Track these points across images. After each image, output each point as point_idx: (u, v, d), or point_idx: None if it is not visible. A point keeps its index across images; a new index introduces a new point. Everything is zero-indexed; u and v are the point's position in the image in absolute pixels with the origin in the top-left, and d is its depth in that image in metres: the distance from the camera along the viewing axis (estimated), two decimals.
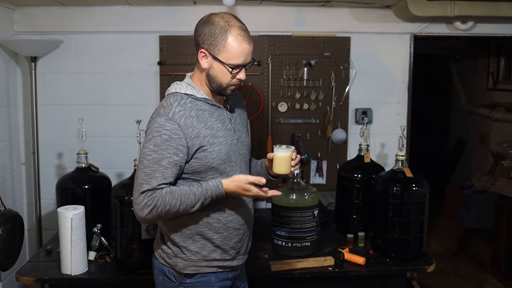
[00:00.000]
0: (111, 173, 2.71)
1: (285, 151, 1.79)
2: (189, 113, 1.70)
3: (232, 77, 1.72)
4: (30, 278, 2.16)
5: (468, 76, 5.56)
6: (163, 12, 2.99)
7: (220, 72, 1.71)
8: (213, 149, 1.72)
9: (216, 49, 1.68)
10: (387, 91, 3.19)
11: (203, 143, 1.70)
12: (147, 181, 1.64)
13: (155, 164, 1.64)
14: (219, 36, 1.66)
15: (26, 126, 3.04)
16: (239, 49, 1.67)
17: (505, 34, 3.18)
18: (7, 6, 2.85)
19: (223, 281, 1.83)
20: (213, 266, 1.79)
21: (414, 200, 2.30)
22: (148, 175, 1.65)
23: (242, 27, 1.69)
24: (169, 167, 1.65)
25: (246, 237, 1.88)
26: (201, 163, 1.71)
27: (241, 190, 1.68)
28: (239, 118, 1.89)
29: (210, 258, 1.78)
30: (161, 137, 1.65)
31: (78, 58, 3.03)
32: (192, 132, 1.68)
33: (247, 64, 1.73)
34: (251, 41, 1.71)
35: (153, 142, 1.66)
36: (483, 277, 3.95)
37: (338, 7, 3.06)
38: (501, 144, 4.51)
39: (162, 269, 1.82)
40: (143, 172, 1.66)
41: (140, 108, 3.04)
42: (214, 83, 1.73)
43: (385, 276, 2.32)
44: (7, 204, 2.55)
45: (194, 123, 1.70)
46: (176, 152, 1.66)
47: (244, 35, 1.68)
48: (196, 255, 1.77)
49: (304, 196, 2.31)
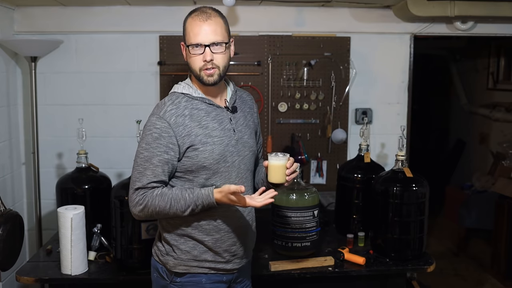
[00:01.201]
0: (111, 173, 2.71)
1: (279, 159, 1.72)
2: (182, 111, 1.72)
3: (200, 60, 1.70)
4: (30, 278, 2.15)
5: (468, 76, 5.56)
6: (163, 12, 2.99)
7: (189, 57, 1.74)
8: (205, 148, 1.71)
9: (184, 36, 1.75)
10: (387, 91, 3.19)
11: (195, 141, 1.70)
12: (139, 178, 1.69)
13: (146, 162, 1.69)
14: (184, 24, 1.75)
15: (26, 126, 3.04)
16: (195, 28, 1.70)
17: (505, 34, 3.18)
18: (7, 6, 2.85)
19: (216, 283, 1.80)
20: (204, 267, 1.78)
21: (414, 200, 2.30)
22: (140, 173, 1.69)
23: (202, 10, 1.72)
24: (159, 165, 1.68)
25: (243, 240, 1.85)
26: (193, 162, 1.72)
27: (228, 200, 1.65)
28: (243, 119, 1.87)
29: (201, 259, 1.78)
30: (152, 135, 1.69)
31: (78, 58, 3.03)
32: (183, 131, 1.70)
33: (212, 45, 1.69)
34: (210, 19, 1.70)
35: (145, 141, 1.71)
36: (483, 277, 3.95)
37: (338, 7, 3.06)
38: (501, 144, 4.51)
39: (156, 266, 1.85)
40: (136, 170, 1.71)
41: (140, 108, 3.04)
42: (193, 72, 1.76)
43: (385, 276, 2.32)
44: (7, 204, 2.55)
45: (186, 121, 1.71)
46: (166, 150, 1.69)
47: (200, 15, 1.70)
48: (187, 255, 1.77)
49: (304, 196, 2.31)
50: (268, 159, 1.75)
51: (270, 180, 1.76)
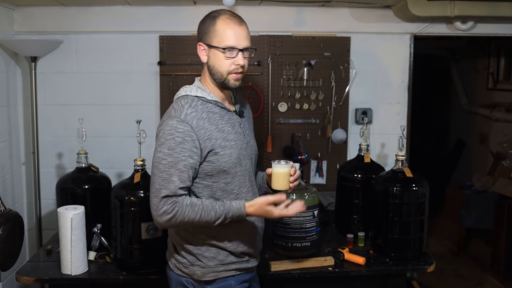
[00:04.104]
0: (111, 173, 2.71)
1: (283, 167, 1.76)
2: (201, 114, 1.68)
3: (231, 64, 1.69)
4: (30, 278, 2.15)
5: (468, 76, 5.56)
6: (163, 12, 2.99)
7: (217, 59, 1.70)
8: (224, 152, 1.70)
9: (209, 38, 1.70)
10: (387, 91, 3.19)
11: (215, 145, 1.68)
12: (165, 185, 1.62)
13: (171, 168, 1.62)
14: (210, 25, 1.70)
15: (26, 126, 3.04)
16: (229, 30, 1.68)
17: (505, 34, 3.18)
18: (7, 6, 2.85)
19: (242, 284, 1.81)
20: (231, 269, 1.78)
21: (414, 200, 2.29)
22: (165, 180, 1.62)
23: (231, 13, 1.72)
24: (185, 170, 1.63)
25: (258, 240, 1.87)
26: (213, 167, 1.69)
27: (263, 212, 1.67)
28: (248, 123, 1.89)
29: (226, 262, 1.76)
30: (174, 140, 1.63)
31: (78, 58, 3.03)
32: (204, 134, 1.66)
33: (244, 50, 1.70)
34: (243, 24, 1.71)
35: (167, 146, 1.63)
36: (483, 277, 3.95)
37: (338, 7, 3.06)
38: (501, 144, 4.51)
39: (179, 280, 1.79)
40: (159, 177, 1.63)
41: (140, 108, 3.04)
42: (216, 75, 1.72)
43: (385, 276, 2.32)
44: (7, 204, 2.55)
45: (206, 125, 1.68)
46: (191, 154, 1.64)
47: (233, 19, 1.70)
48: (213, 261, 1.75)
49: (304, 196, 2.31)
50: (272, 167, 1.77)
51: (274, 187, 1.78)
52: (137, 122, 2.25)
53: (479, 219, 4.27)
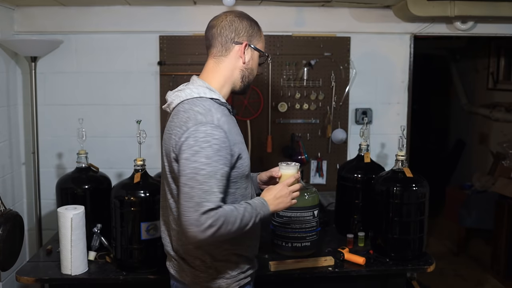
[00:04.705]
0: (111, 173, 2.71)
1: (291, 168, 1.79)
2: (226, 118, 1.60)
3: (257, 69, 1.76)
4: (30, 278, 2.15)
5: (468, 76, 5.56)
6: (163, 12, 2.99)
7: (255, 63, 1.74)
8: (246, 156, 1.65)
9: (255, 40, 1.71)
10: (387, 91, 3.20)
11: (241, 150, 1.61)
12: (207, 198, 1.47)
13: (211, 178, 1.48)
14: (256, 28, 1.71)
15: (26, 126, 3.04)
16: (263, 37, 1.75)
17: (505, 34, 3.18)
18: (7, 6, 2.85)
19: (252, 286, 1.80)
20: (248, 275, 1.74)
21: (414, 200, 2.29)
22: (206, 192, 1.47)
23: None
24: (222, 179, 1.51)
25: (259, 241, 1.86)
26: (239, 172, 1.61)
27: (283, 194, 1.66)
28: None
29: (244, 269, 1.73)
30: (211, 147, 1.49)
31: (78, 58, 3.03)
32: (233, 139, 1.58)
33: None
34: None
35: (204, 154, 1.48)
36: (483, 277, 3.95)
37: (338, 7, 3.06)
38: (501, 144, 4.51)
39: None
40: (200, 190, 1.47)
41: (140, 108, 3.04)
42: (248, 78, 1.73)
43: (385, 276, 2.31)
44: (7, 204, 2.55)
45: (232, 129, 1.61)
46: (226, 162, 1.52)
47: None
48: (235, 270, 1.69)
49: (304, 196, 2.31)
50: (281, 169, 1.79)
51: None
52: (137, 122, 2.25)
53: (479, 219, 4.27)
